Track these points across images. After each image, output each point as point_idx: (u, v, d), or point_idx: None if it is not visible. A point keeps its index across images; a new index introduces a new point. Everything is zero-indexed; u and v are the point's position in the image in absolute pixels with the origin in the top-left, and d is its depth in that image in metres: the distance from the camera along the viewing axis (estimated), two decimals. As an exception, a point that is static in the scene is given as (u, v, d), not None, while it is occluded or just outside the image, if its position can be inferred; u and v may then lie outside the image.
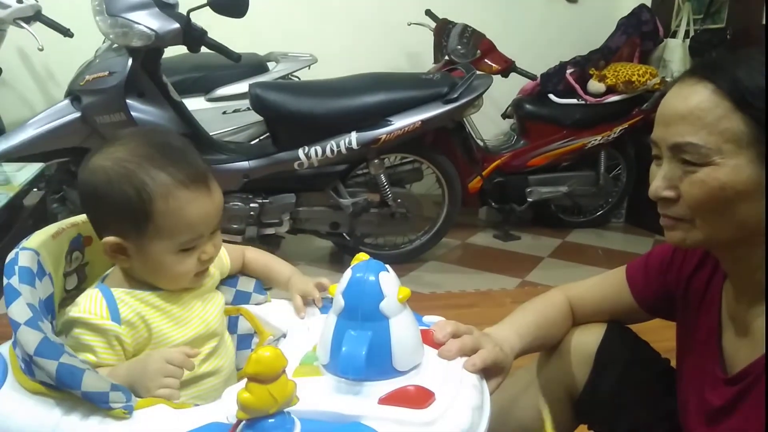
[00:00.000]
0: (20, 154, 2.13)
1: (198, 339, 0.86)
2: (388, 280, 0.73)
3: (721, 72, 0.73)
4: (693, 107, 0.73)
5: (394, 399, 0.68)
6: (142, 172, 0.77)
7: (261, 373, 0.58)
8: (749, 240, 0.76)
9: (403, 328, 0.73)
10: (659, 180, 0.77)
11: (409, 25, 3.30)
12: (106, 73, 2.25)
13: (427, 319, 0.88)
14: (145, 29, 2.19)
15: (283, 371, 0.59)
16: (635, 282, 1.01)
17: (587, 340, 1.03)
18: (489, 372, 0.82)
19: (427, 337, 0.80)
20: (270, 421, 0.59)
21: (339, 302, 0.73)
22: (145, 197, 0.76)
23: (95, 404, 0.66)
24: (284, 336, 0.89)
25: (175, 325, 0.84)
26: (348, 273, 0.74)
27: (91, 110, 2.24)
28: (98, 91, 2.24)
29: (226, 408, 0.66)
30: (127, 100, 2.26)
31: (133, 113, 2.26)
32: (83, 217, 0.88)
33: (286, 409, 0.61)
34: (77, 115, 2.25)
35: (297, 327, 0.91)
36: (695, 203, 0.75)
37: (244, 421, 0.61)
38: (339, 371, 0.70)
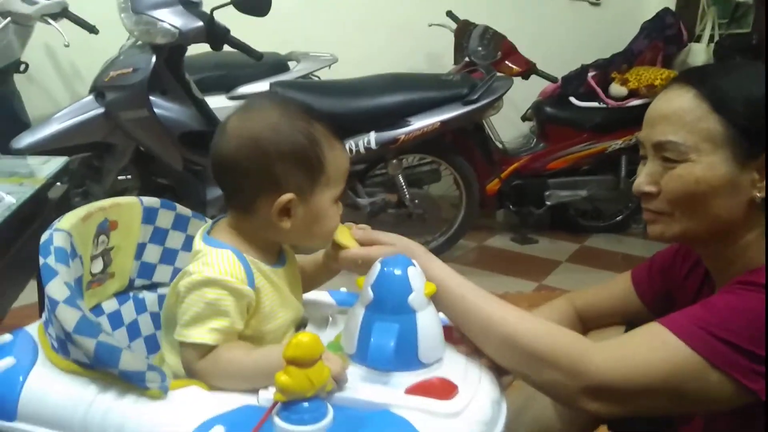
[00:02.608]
0: (45, 148, 2.17)
1: (293, 322, 0.85)
2: (416, 274, 0.75)
3: (703, 79, 0.81)
4: (675, 108, 0.81)
5: (421, 390, 0.69)
6: (306, 124, 0.77)
7: (300, 357, 0.59)
8: (724, 235, 0.82)
9: (428, 321, 0.75)
10: (642, 176, 0.85)
11: (430, 26, 3.30)
12: (130, 69, 2.28)
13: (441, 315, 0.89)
14: (169, 27, 2.22)
15: (320, 357, 0.60)
16: (640, 284, 1.03)
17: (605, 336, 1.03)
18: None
19: (446, 333, 0.81)
20: (305, 405, 0.61)
21: (368, 294, 0.74)
22: (317, 145, 0.77)
23: (132, 383, 0.67)
24: (304, 326, 0.90)
25: (282, 304, 0.82)
26: (377, 266, 0.75)
27: (115, 106, 2.28)
28: (122, 87, 2.27)
29: (261, 391, 0.67)
30: (150, 97, 2.29)
31: (156, 109, 2.29)
32: (110, 201, 0.89)
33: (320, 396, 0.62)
34: (101, 110, 2.29)
35: (317, 316, 0.91)
36: (673, 197, 0.82)
37: (279, 404, 0.62)
38: (367, 361, 0.71)
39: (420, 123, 2.54)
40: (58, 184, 1.44)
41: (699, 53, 3.31)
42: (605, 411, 0.77)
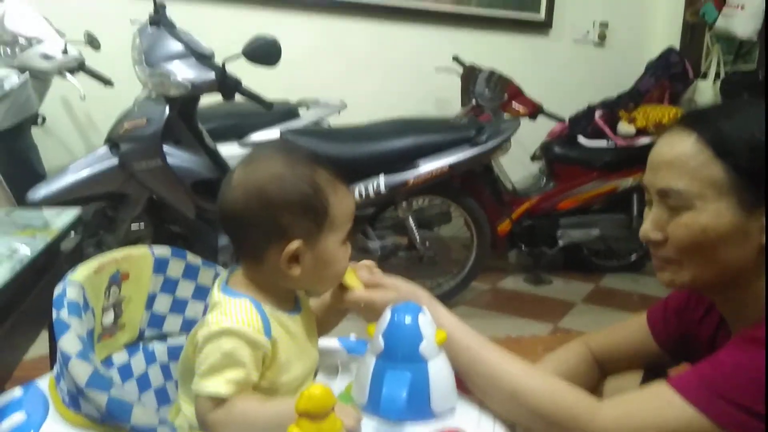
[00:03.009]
0: (60, 199, 2.20)
1: (309, 372, 0.84)
2: (427, 322, 0.75)
3: (705, 122, 0.79)
4: (678, 154, 0.79)
5: None
6: (309, 171, 0.79)
7: (312, 409, 0.59)
8: (735, 282, 0.80)
9: (440, 370, 0.75)
10: (648, 223, 0.83)
11: (437, 71, 3.36)
12: (144, 121, 2.32)
13: None
14: (182, 79, 2.27)
15: (333, 409, 0.59)
16: (655, 325, 1.01)
17: (625, 384, 1.01)
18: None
19: (458, 381, 0.80)
20: (318, 458, 0.59)
21: (378, 343, 0.73)
22: (320, 192, 0.78)
23: (143, 438, 0.66)
24: (315, 374, 0.89)
25: (298, 354, 0.82)
26: (387, 314, 0.75)
27: (129, 156, 2.31)
28: (136, 139, 2.31)
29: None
30: (164, 147, 2.32)
31: (169, 159, 2.33)
32: (122, 252, 0.90)
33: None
34: (115, 161, 2.32)
35: (327, 365, 0.90)
36: (680, 245, 0.79)
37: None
38: (380, 412, 0.70)
39: (429, 166, 2.56)
40: (72, 234, 1.46)
41: (706, 90, 3.33)
42: None
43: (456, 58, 3.36)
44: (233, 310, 0.76)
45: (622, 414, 0.75)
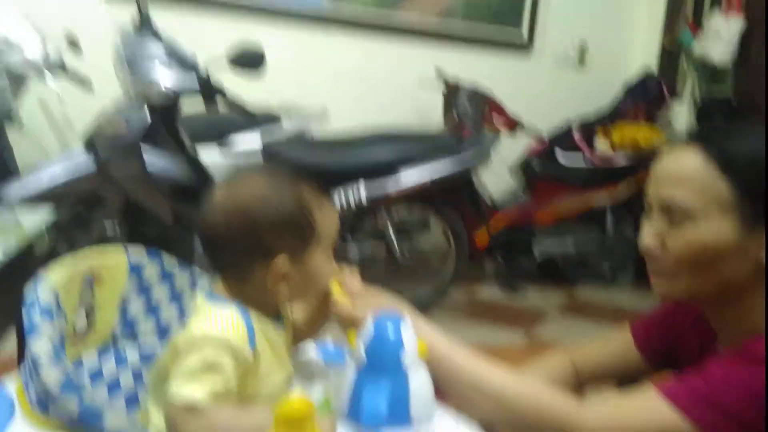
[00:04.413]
0: (33, 199, 2.15)
1: (286, 383, 0.83)
2: (408, 332, 0.75)
3: (712, 140, 0.79)
4: (684, 169, 0.79)
5: None
6: (293, 189, 0.79)
7: (291, 420, 0.58)
8: (729, 296, 0.81)
9: (421, 380, 0.75)
10: (647, 234, 0.83)
11: (419, 85, 3.38)
12: (124, 124, 2.29)
13: None
14: (165, 88, 2.24)
15: (311, 419, 0.59)
16: (640, 337, 1.01)
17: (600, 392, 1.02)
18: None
19: (436, 389, 0.80)
20: (295, 469, 0.59)
21: (359, 351, 0.73)
22: (306, 210, 0.78)
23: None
24: (290, 379, 0.88)
25: (278, 365, 0.81)
26: (369, 324, 0.74)
27: (107, 160, 2.28)
28: (115, 142, 2.28)
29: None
30: (143, 152, 2.29)
31: (148, 165, 2.30)
32: (96, 254, 0.89)
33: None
34: (93, 164, 2.28)
35: (304, 372, 0.90)
36: (679, 258, 0.80)
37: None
38: (360, 421, 0.70)
39: (410, 178, 2.57)
40: (45, 235, 1.43)
41: (681, 112, 3.40)
42: None
43: (438, 70, 3.39)
44: (218, 318, 0.74)
45: (609, 417, 0.76)
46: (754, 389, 0.72)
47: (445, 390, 0.81)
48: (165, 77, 2.24)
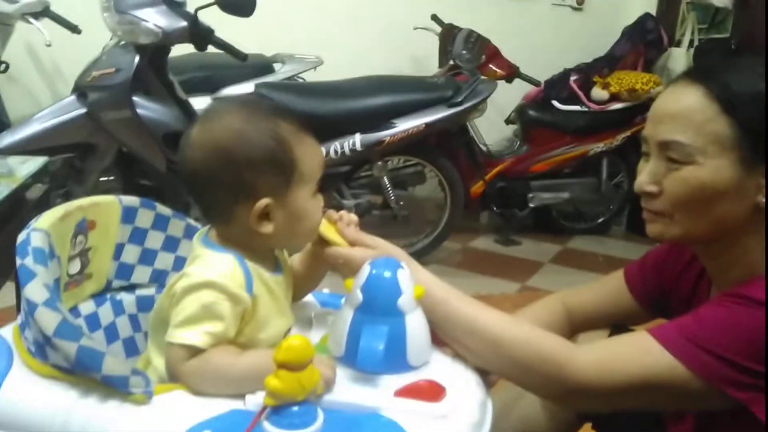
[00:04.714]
0: (25, 148, 2.13)
1: (286, 330, 0.83)
2: (405, 277, 0.75)
3: (712, 76, 0.77)
4: (683, 107, 0.77)
5: (410, 392, 0.69)
6: (271, 124, 0.75)
7: (291, 360, 0.59)
8: (724, 238, 0.80)
9: (417, 324, 0.75)
10: (645, 175, 0.82)
11: (415, 29, 3.31)
12: (113, 69, 2.25)
13: None
14: (153, 26, 2.19)
15: (311, 360, 0.60)
16: (633, 282, 1.02)
17: (592, 338, 1.03)
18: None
19: (431, 334, 0.81)
20: (295, 409, 0.60)
21: (357, 296, 0.73)
22: (286, 145, 0.75)
23: (115, 388, 0.65)
24: (290, 328, 0.89)
25: (277, 312, 0.80)
26: (366, 268, 0.75)
27: (97, 106, 2.25)
28: (105, 88, 2.24)
29: (248, 395, 0.67)
30: (133, 97, 2.25)
31: (138, 110, 2.26)
32: (88, 200, 0.87)
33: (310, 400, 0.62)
34: (83, 111, 2.25)
35: (301, 318, 0.90)
36: (676, 199, 0.79)
37: (269, 408, 0.61)
38: (356, 364, 0.71)
39: (405, 125, 2.55)
40: (38, 185, 1.42)
41: (679, 57, 3.36)
42: (589, 408, 0.78)
43: (434, 17, 3.31)
44: (216, 264, 0.74)
45: (601, 358, 0.77)
46: (748, 331, 0.72)
47: (441, 334, 0.82)
48: (153, 17, 2.19)
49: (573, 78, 3.25)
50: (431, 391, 0.70)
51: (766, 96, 0.74)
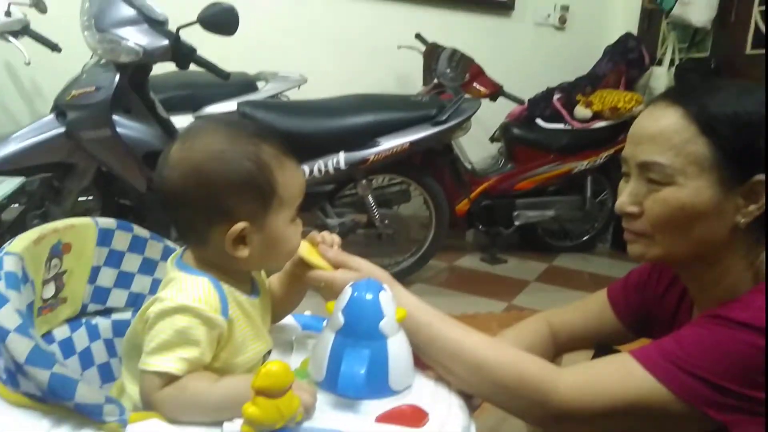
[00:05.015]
0: (2, 168, 2.09)
1: (263, 354, 0.81)
2: (387, 300, 0.73)
3: (691, 98, 0.78)
4: (662, 128, 0.78)
5: (391, 418, 0.67)
6: (252, 147, 0.73)
7: (270, 387, 0.57)
8: (705, 258, 0.80)
9: (399, 347, 0.74)
10: (625, 196, 0.82)
11: (399, 48, 3.32)
12: (93, 88, 2.22)
13: None
14: (134, 45, 2.17)
15: (290, 386, 0.58)
16: (616, 301, 1.02)
17: (576, 359, 1.02)
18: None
19: (414, 357, 0.79)
20: (273, 437, 0.58)
21: (338, 319, 0.72)
22: (266, 169, 0.73)
23: (88, 417, 0.63)
24: (269, 352, 0.87)
25: (254, 336, 0.78)
26: (347, 291, 0.73)
27: (77, 125, 2.21)
28: (84, 107, 2.21)
29: (225, 423, 0.64)
30: (114, 116, 2.22)
31: (119, 129, 2.23)
32: (63, 222, 0.85)
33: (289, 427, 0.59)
34: (62, 130, 2.22)
35: (281, 341, 0.88)
36: (656, 220, 0.79)
37: (246, 436, 0.58)
38: (337, 389, 0.69)
39: (389, 143, 2.54)
40: (14, 205, 1.39)
41: (660, 76, 3.40)
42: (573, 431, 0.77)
43: (418, 36, 3.33)
44: (190, 287, 0.72)
45: (584, 381, 0.76)
46: (729, 353, 0.72)
47: (424, 357, 0.80)
48: (134, 36, 2.17)
49: (556, 96, 3.28)
50: (413, 416, 0.68)
51: (766, 117, 0.74)
